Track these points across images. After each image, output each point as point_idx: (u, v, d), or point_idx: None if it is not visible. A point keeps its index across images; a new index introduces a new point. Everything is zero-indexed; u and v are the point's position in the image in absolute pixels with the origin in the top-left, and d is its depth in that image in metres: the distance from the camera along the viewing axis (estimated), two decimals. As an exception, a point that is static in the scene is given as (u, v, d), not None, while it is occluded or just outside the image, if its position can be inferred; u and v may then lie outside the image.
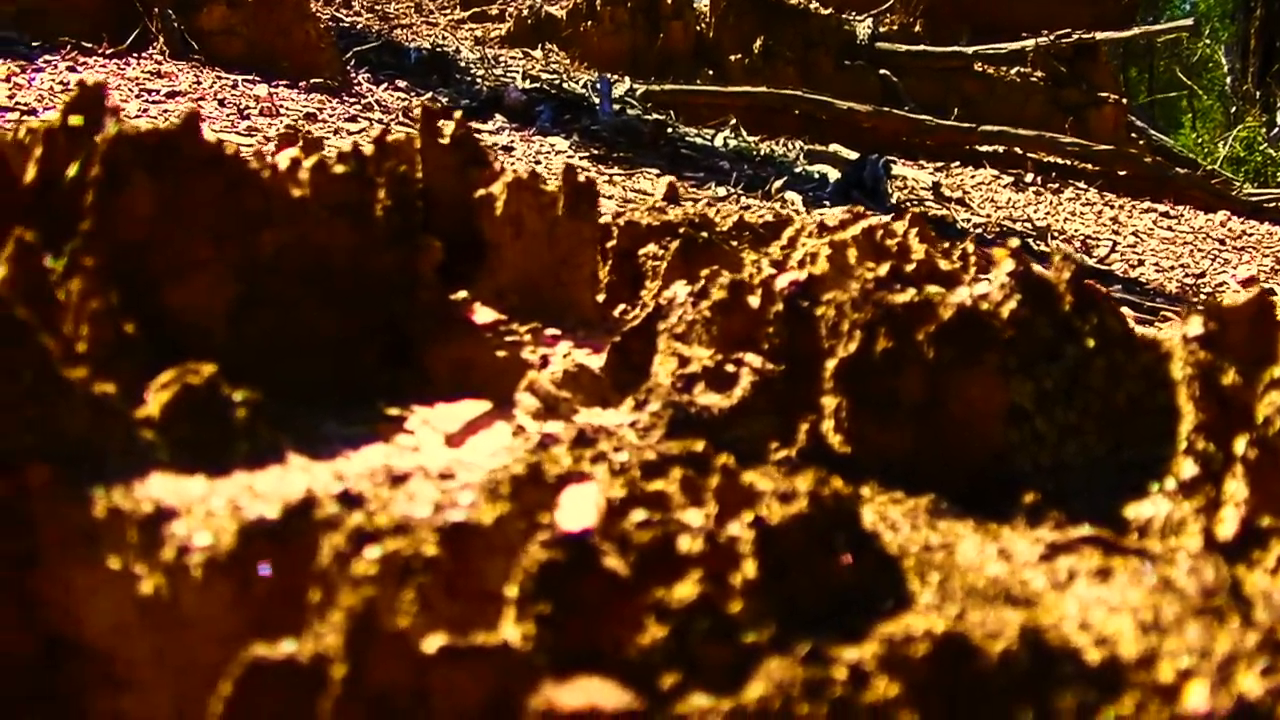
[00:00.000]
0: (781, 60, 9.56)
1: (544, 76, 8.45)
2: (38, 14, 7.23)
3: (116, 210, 1.20)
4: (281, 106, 6.10)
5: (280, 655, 0.79)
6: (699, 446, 1.07)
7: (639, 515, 0.85)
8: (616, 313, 1.37)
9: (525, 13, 9.51)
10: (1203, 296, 6.74)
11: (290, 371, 1.20)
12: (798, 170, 7.42)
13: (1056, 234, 7.53)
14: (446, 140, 1.39)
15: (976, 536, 1.02)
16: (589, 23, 9.36)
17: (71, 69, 6.50)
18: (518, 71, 8.33)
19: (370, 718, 0.75)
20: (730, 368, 1.14)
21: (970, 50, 10.16)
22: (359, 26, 8.96)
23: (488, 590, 0.85)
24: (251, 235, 1.22)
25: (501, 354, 1.22)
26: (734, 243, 1.44)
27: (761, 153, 7.69)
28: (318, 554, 0.89)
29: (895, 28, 10.53)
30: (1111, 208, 8.60)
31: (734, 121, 8.24)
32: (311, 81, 6.76)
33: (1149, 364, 1.20)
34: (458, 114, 1.44)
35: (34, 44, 6.86)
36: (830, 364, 1.12)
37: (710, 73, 9.49)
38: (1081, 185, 9.16)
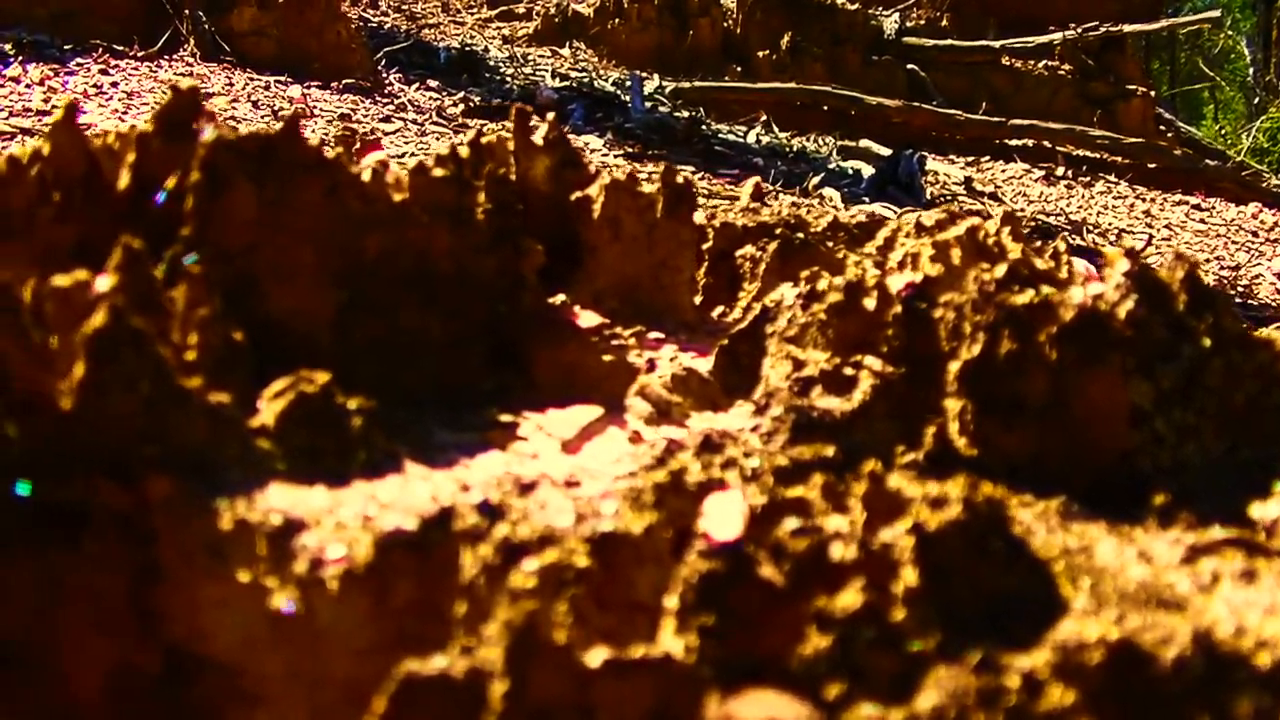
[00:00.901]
0: (809, 57, 9.53)
1: (573, 75, 8.43)
2: (68, 17, 7.25)
3: (217, 216, 1.19)
4: (315, 107, 6.09)
5: (433, 670, 0.77)
6: (829, 451, 1.05)
7: (792, 523, 0.83)
8: (715, 315, 1.35)
9: (552, 11, 9.49)
10: (1240, 289, 6.70)
11: (395, 378, 1.18)
12: (831, 166, 7.39)
13: (1091, 228, 7.49)
14: (540, 142, 1.38)
15: (1112, 539, 1.00)
16: (616, 20, 9.34)
17: (104, 72, 6.51)
18: (547, 70, 8.32)
19: (532, 732, 0.73)
20: (849, 371, 1.12)
21: (998, 44, 10.12)
22: (387, 26, 8.95)
23: (637, 601, 0.83)
24: (354, 240, 1.20)
25: (607, 358, 1.20)
26: (829, 243, 1.42)
27: (794, 149, 7.67)
28: (460, 566, 0.88)
29: (922, 22, 10.49)
30: (1143, 201, 8.56)
31: (765, 118, 8.22)
32: (344, 82, 6.75)
33: (1265, 362, 1.17)
34: (550, 116, 1.42)
35: (66, 47, 6.87)
36: (953, 366, 1.10)
37: (738, 69, 9.47)
38: (1112, 179, 9.11)
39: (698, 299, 1.38)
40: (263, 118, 5.72)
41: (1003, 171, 8.83)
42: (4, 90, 5.52)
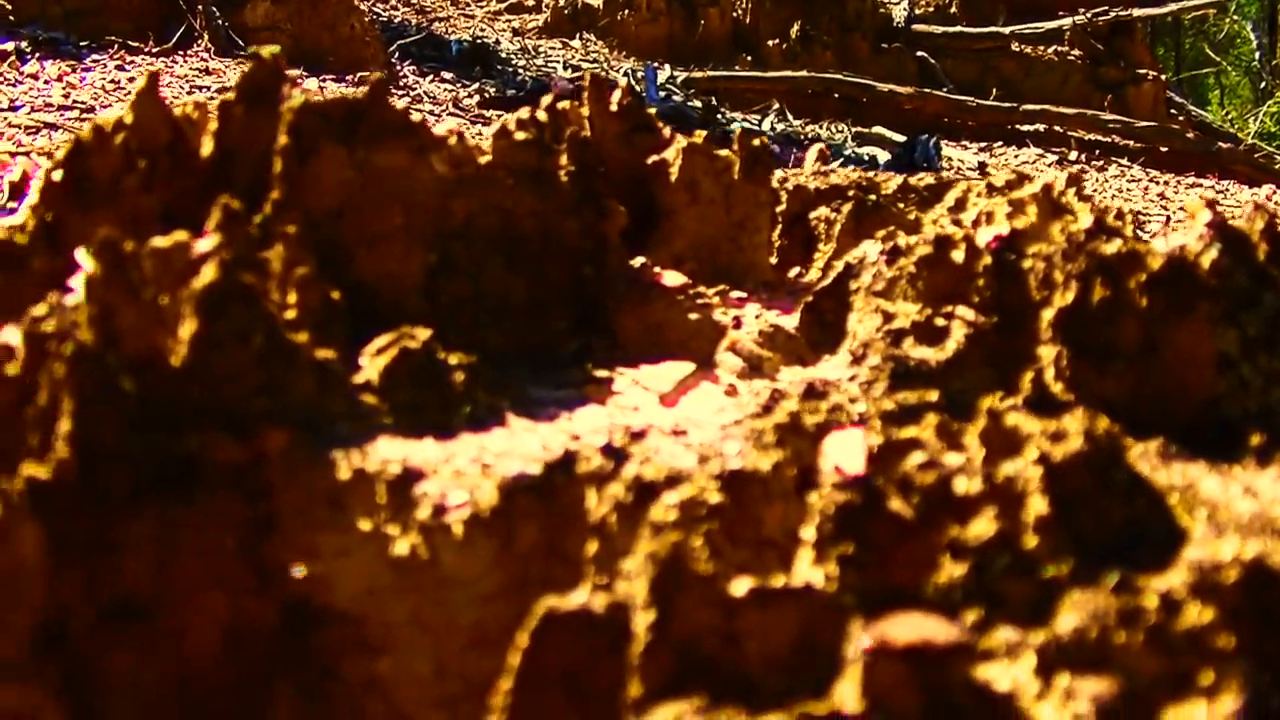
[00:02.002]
0: (819, 45, 9.52)
1: (584, 66, 8.44)
2: (83, 14, 7.25)
3: (306, 181, 1.19)
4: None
5: (574, 606, 0.78)
6: (933, 396, 1.05)
7: (917, 457, 0.84)
8: (791, 275, 1.36)
9: (562, 3, 9.49)
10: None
11: (482, 340, 1.19)
12: (847, 152, 7.40)
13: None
14: (614, 108, 1.38)
15: (1214, 476, 1.01)
16: (626, 11, 9.34)
17: (120, 68, 6.52)
18: (558, 61, 8.33)
19: (679, 663, 0.74)
20: (940, 322, 1.13)
21: (1007, 31, 10.11)
22: (397, 20, 8.96)
23: (766, 538, 0.84)
24: (441, 203, 1.21)
25: (693, 316, 1.21)
26: (899, 205, 1.43)
27: (809, 135, 7.68)
28: (585, 507, 0.88)
29: (931, 9, 10.48)
30: (1157, 184, 8.56)
31: (778, 106, 8.22)
32: (358, 75, 6.75)
33: (1344, 310, 1.18)
34: (623, 83, 1.43)
35: (81, 44, 6.88)
36: (1046, 314, 1.11)
37: (748, 59, 9.46)
38: (1125, 162, 9.11)
39: (773, 260, 1.39)
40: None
41: (1016, 157, 8.84)
42: (24, 87, 5.54)
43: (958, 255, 1.16)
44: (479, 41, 8.42)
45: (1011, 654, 0.75)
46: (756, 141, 1.34)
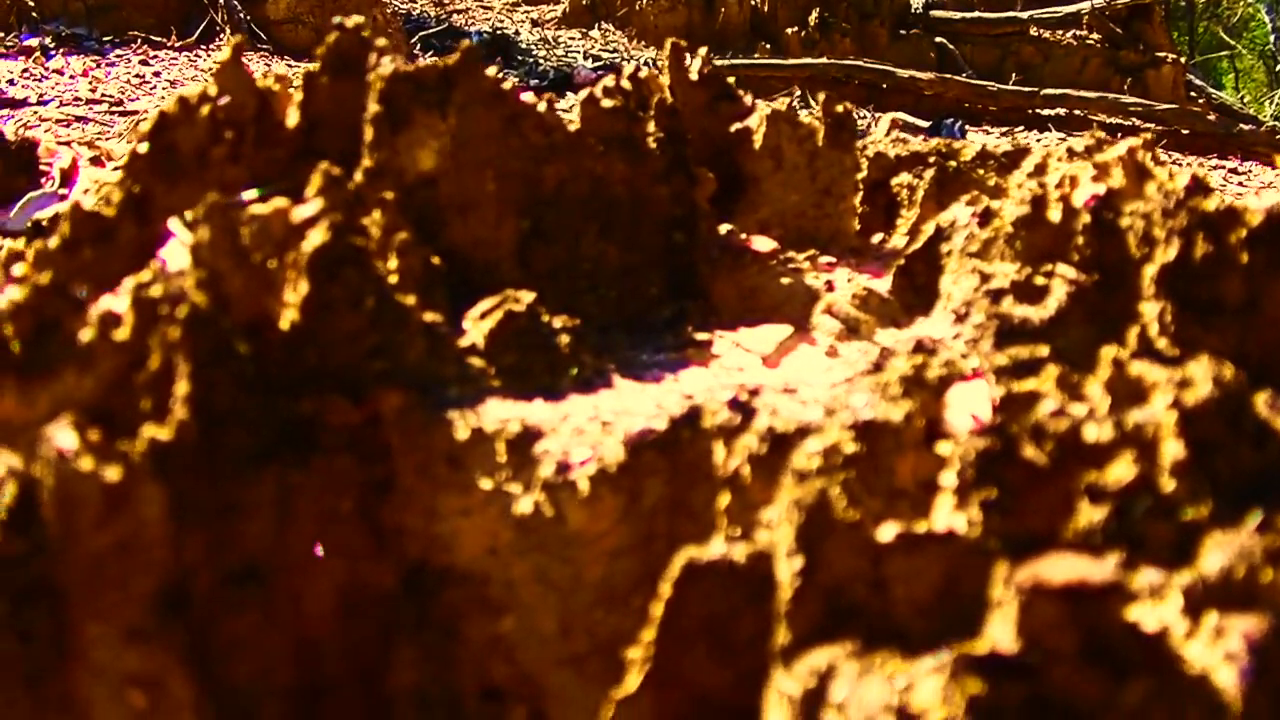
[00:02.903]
0: (838, 32, 9.50)
1: (604, 55, 8.43)
2: (106, 10, 7.26)
3: (398, 148, 1.19)
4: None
5: (714, 557, 0.77)
6: (1044, 352, 1.05)
7: (1048, 405, 0.83)
8: (875, 241, 1.35)
9: (581, -7, 9.49)
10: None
11: (579, 305, 1.18)
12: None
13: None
14: (695, 76, 1.38)
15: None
16: (645, 1, 9.33)
17: (144, 62, 6.53)
18: (578, 51, 8.33)
19: (827, 610, 0.74)
20: (1040, 280, 1.12)
21: (1025, 15, 10.08)
22: (416, 12, 8.95)
23: (898, 488, 0.83)
24: (533, 169, 1.21)
25: (786, 281, 1.21)
26: (980, 170, 1.42)
27: (831, 122, 7.62)
28: (714, 461, 0.88)
29: (950, -5, 10.45)
30: (1180, 166, 8.51)
31: (799, 93, 8.21)
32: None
33: None
34: (703, 50, 1.42)
35: (104, 39, 6.88)
36: (1148, 271, 1.10)
37: (767, 47, 9.45)
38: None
39: (856, 226, 1.38)
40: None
41: (1038, 141, 8.81)
42: (51, 82, 5.54)
43: (1054, 215, 1.16)
44: (499, 32, 8.43)
45: (1156, 594, 0.74)
46: (840, 108, 1.34)
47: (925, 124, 7.69)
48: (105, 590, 0.87)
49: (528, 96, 1.29)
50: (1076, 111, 9.30)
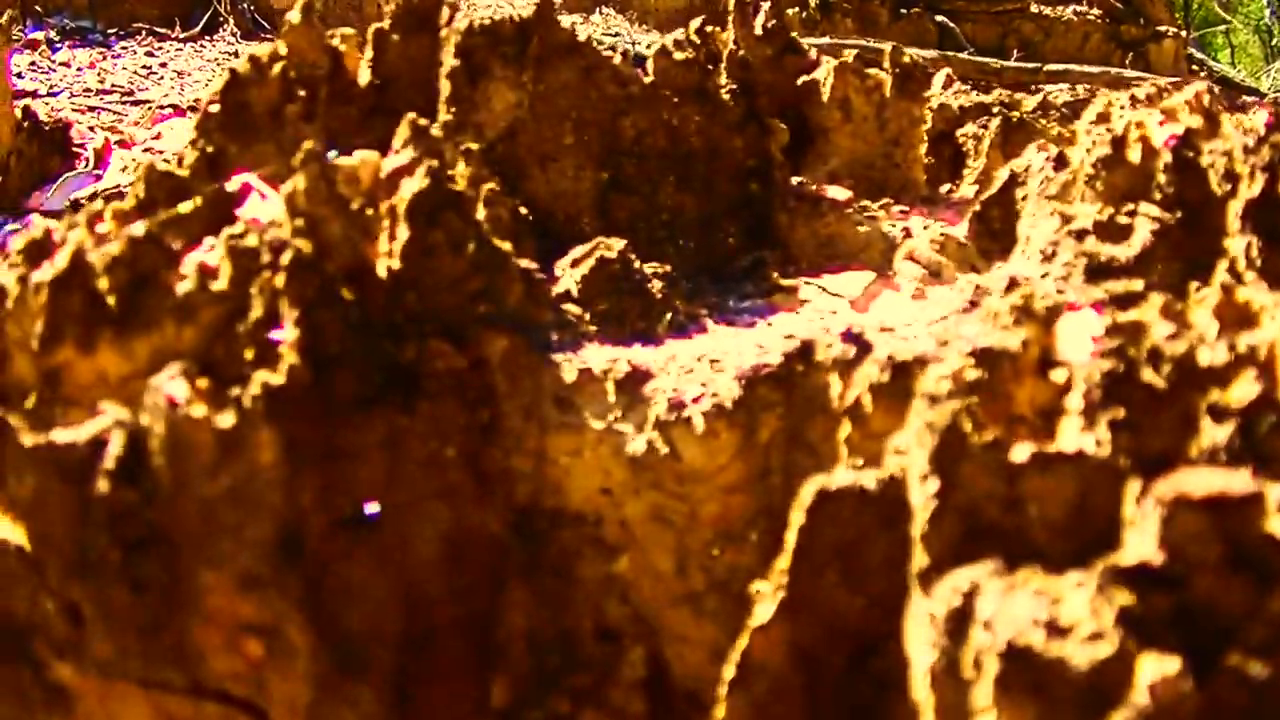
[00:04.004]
0: (839, 12, 9.47)
1: (608, 39, 8.43)
2: (109, 2, 7.23)
3: (476, 102, 1.19)
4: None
5: (845, 484, 0.77)
6: (1138, 286, 1.05)
7: (1163, 329, 0.83)
8: (943, 190, 1.35)
9: (581, -22, 9.46)
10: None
11: (660, 254, 1.18)
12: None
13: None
14: (760, 31, 1.37)
15: None
16: (645, -16, 9.30)
17: (150, 54, 6.51)
18: (581, 35, 8.31)
19: (964, 531, 0.74)
20: (1123, 220, 1.12)
21: (1026, -9, 10.06)
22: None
23: (1016, 414, 0.83)
24: (611, 121, 1.20)
25: (863, 228, 1.21)
26: (1043, 121, 1.42)
27: (836, 102, 7.62)
28: (831, 394, 0.88)
29: (949, -27, 10.41)
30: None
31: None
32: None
33: None
34: (767, 4, 1.42)
35: (109, 31, 6.86)
36: (1233, 207, 1.10)
37: (769, 28, 9.43)
38: (1151, 119, 9.06)
39: (924, 175, 1.39)
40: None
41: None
42: (58, 74, 5.53)
43: (1134, 155, 1.15)
44: (501, 18, 8.39)
45: (1291, 508, 0.74)
46: (907, 58, 1.34)
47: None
48: (219, 538, 0.87)
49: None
50: (1080, 86, 9.29)
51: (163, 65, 6.24)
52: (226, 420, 0.87)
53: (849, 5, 9.65)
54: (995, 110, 1.40)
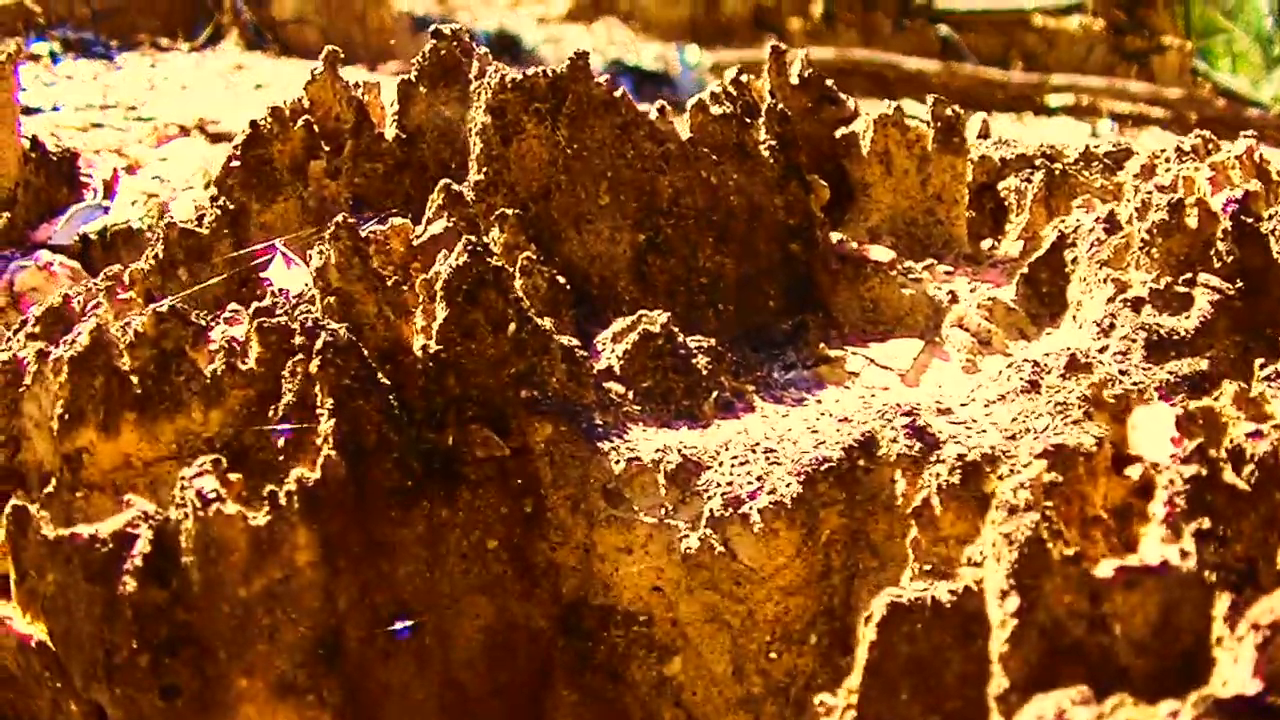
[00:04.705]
0: (842, 24, 9.44)
1: (611, 50, 8.37)
2: (112, 13, 7.21)
3: (510, 160, 1.15)
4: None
5: (917, 596, 0.73)
6: (1203, 365, 1.01)
7: (1243, 427, 0.79)
8: (984, 247, 1.31)
9: (583, -11, 9.42)
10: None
11: (696, 322, 1.14)
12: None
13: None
14: (796, 80, 1.33)
15: None
16: (648, -6, 9.26)
17: (153, 66, 6.46)
18: (585, 47, 8.26)
19: (1046, 649, 0.70)
20: (1181, 289, 1.08)
21: (1030, 4, 10.03)
22: (420, 11, 8.89)
23: (1091, 515, 0.79)
24: (648, 180, 1.16)
25: (907, 291, 1.16)
26: (1085, 173, 1.38)
27: (842, 114, 7.56)
28: (896, 491, 0.84)
29: (953, -16, 10.37)
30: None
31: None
32: (391, 65, 6.69)
33: None
34: (802, 52, 1.38)
35: (111, 43, 6.83)
36: (1300, 274, 1.06)
37: (773, 39, 9.40)
38: (1156, 130, 9.03)
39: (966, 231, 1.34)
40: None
41: (1046, 129, 8.75)
42: (61, 87, 5.51)
43: (1192, 220, 1.11)
44: (505, 30, 8.36)
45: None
46: (950, 110, 1.29)
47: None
48: (253, 641, 0.83)
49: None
50: (1084, 99, 9.24)
51: (165, 79, 6.19)
52: (261, 519, 0.83)
53: (852, 16, 9.61)
54: (1037, 162, 1.36)
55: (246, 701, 0.82)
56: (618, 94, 1.17)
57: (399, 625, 0.84)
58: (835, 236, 1.24)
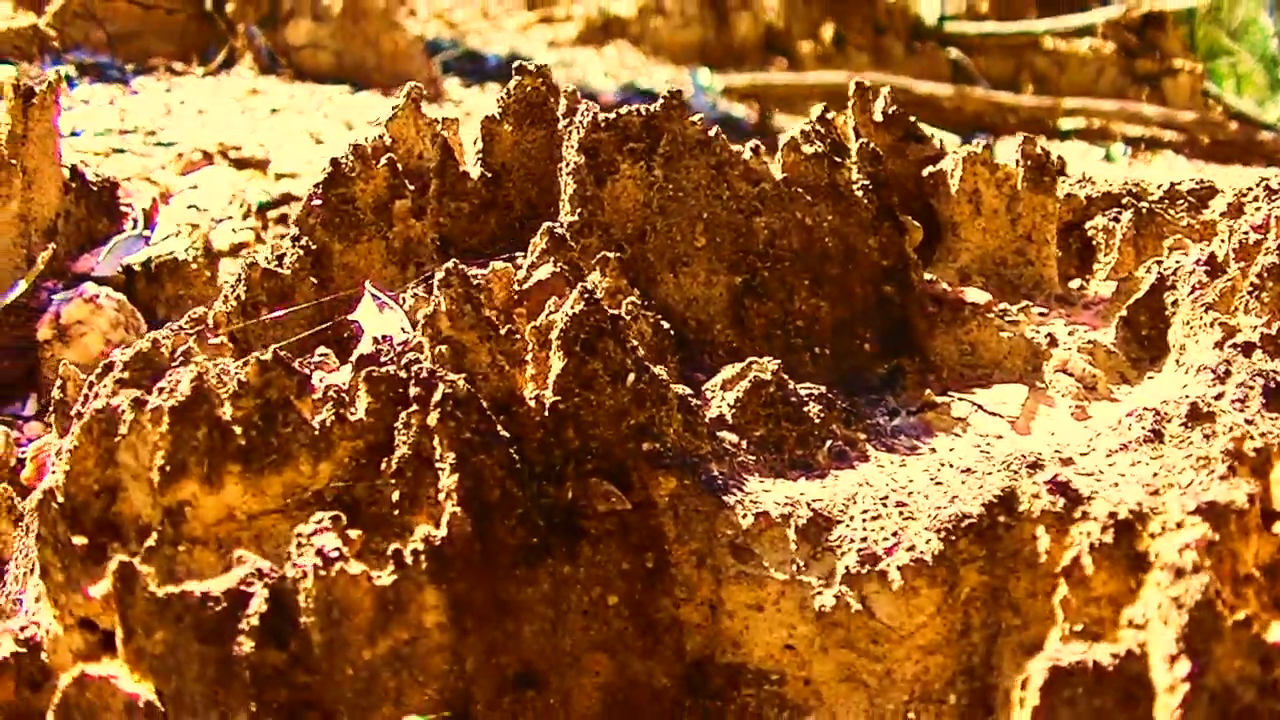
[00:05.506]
0: (853, 46, 9.44)
1: (622, 74, 8.37)
2: (127, 37, 7.21)
3: (604, 201, 1.12)
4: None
5: (1077, 659, 0.71)
6: (1332, 415, 0.98)
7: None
8: (1074, 287, 1.29)
9: (594, 13, 9.42)
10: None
11: (796, 365, 1.12)
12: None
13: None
14: (880, 118, 1.31)
15: None
16: (659, 18, 9.26)
17: (169, 90, 6.46)
18: (596, 71, 8.26)
19: (1215, 714, 0.67)
20: (1293, 334, 1.05)
21: (1041, 27, 10.03)
22: (432, 35, 8.89)
23: (1242, 574, 0.77)
24: (743, 221, 1.14)
25: (1005, 335, 1.14)
26: (1172, 210, 1.36)
27: (856, 138, 7.54)
28: (1038, 548, 0.81)
29: (963, 8, 10.39)
30: (1203, 174, 8.41)
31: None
32: (409, 86, 6.68)
33: None
34: (886, 89, 1.36)
35: (127, 67, 6.82)
36: None
37: (784, 62, 9.39)
38: (1169, 154, 9.02)
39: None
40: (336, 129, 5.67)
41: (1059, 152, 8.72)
42: (78, 112, 5.50)
43: (1302, 262, 1.09)
44: (516, 54, 8.34)
45: None
46: (1039, 148, 1.27)
47: (953, 137, 7.64)
48: (379, 705, 0.81)
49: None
50: (1097, 122, 9.24)
51: (182, 103, 6.18)
52: (386, 578, 0.80)
53: (862, 40, 9.62)
54: (1124, 200, 1.33)
55: (371, 768, 0.80)
56: (712, 133, 1.15)
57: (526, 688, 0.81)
58: (927, 277, 1.22)
